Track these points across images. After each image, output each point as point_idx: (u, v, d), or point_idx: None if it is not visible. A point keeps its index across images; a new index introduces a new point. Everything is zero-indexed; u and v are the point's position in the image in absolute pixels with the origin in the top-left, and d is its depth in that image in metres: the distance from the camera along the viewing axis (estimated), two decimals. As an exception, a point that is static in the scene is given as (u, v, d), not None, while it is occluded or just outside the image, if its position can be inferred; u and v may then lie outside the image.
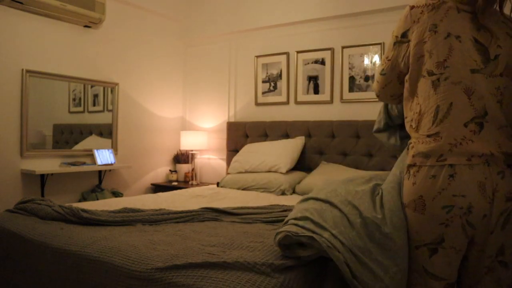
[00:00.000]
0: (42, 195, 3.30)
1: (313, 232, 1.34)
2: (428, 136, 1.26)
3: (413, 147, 1.31)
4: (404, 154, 1.46)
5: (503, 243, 1.22)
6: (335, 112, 3.65)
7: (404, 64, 1.37)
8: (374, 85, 1.56)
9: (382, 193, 1.42)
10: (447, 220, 1.20)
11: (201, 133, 4.31)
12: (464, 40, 1.24)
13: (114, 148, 3.90)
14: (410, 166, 1.30)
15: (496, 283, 1.26)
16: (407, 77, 1.37)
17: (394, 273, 1.26)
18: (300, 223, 1.39)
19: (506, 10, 1.33)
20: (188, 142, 4.24)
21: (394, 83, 1.45)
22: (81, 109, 3.67)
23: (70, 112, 3.58)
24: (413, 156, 1.29)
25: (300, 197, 2.97)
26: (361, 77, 3.52)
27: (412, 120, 1.35)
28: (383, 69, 1.46)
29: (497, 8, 1.31)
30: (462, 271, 1.31)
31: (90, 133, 3.74)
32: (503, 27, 1.27)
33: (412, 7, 1.33)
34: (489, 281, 1.26)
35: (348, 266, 1.26)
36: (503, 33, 1.26)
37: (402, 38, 1.35)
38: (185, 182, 4.34)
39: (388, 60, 1.43)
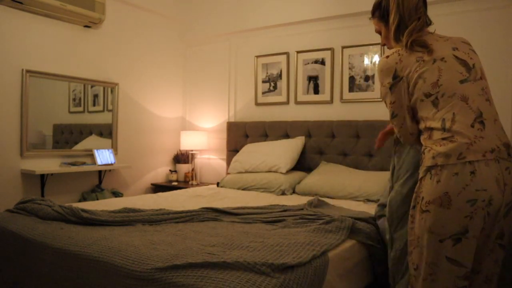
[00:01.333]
0: (42, 195, 3.30)
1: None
2: (443, 139, 1.41)
3: (430, 150, 1.44)
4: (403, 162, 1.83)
5: (503, 229, 1.44)
6: (335, 112, 3.64)
7: (408, 96, 1.53)
8: (395, 129, 1.65)
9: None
10: (471, 212, 1.35)
11: (201, 133, 4.31)
12: (447, 59, 1.48)
13: (114, 148, 3.90)
14: (431, 167, 1.42)
15: (496, 262, 1.48)
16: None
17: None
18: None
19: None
20: (188, 142, 4.24)
21: (408, 120, 1.57)
22: (81, 109, 3.67)
23: (70, 112, 3.57)
24: (433, 157, 1.41)
25: (300, 197, 2.98)
26: (361, 77, 3.52)
27: (422, 134, 1.53)
28: (393, 112, 1.58)
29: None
30: None
31: (90, 133, 3.74)
32: (465, 45, 1.57)
33: (387, 57, 1.56)
34: (489, 261, 1.47)
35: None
36: (468, 49, 1.55)
37: (395, 80, 1.53)
38: (185, 182, 4.34)
39: (393, 103, 1.57)
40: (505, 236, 1.44)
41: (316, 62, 3.76)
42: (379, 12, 1.69)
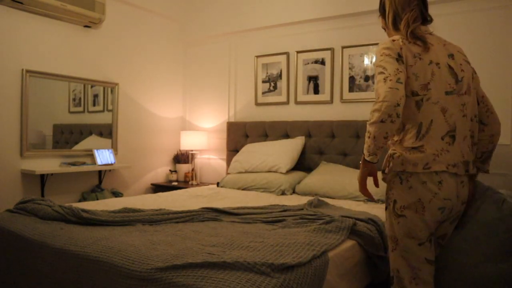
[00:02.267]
0: (42, 195, 3.30)
1: None
2: (413, 148, 1.48)
3: (399, 156, 1.49)
4: None
5: (447, 232, 1.61)
6: (335, 112, 3.64)
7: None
8: (390, 94, 1.39)
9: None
10: (442, 218, 1.50)
11: (201, 133, 4.31)
12: (441, 66, 1.52)
13: (114, 148, 3.90)
14: (401, 172, 1.49)
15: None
16: None
17: None
18: None
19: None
20: (188, 142, 4.24)
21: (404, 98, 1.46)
22: (81, 109, 3.67)
23: (70, 112, 3.57)
24: (402, 163, 1.48)
25: (300, 197, 2.98)
26: (361, 77, 3.52)
27: (394, 135, 1.56)
28: (399, 78, 1.42)
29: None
30: None
31: (90, 133, 3.74)
32: (460, 55, 1.59)
33: (393, 40, 1.54)
34: None
35: None
36: (462, 60, 1.58)
37: (400, 57, 1.49)
38: (185, 182, 4.34)
39: (400, 72, 1.44)
40: (446, 237, 1.63)
41: (316, 62, 3.76)
42: (380, 9, 1.74)
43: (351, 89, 3.57)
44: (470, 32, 3.04)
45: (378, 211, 2.37)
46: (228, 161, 4.09)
